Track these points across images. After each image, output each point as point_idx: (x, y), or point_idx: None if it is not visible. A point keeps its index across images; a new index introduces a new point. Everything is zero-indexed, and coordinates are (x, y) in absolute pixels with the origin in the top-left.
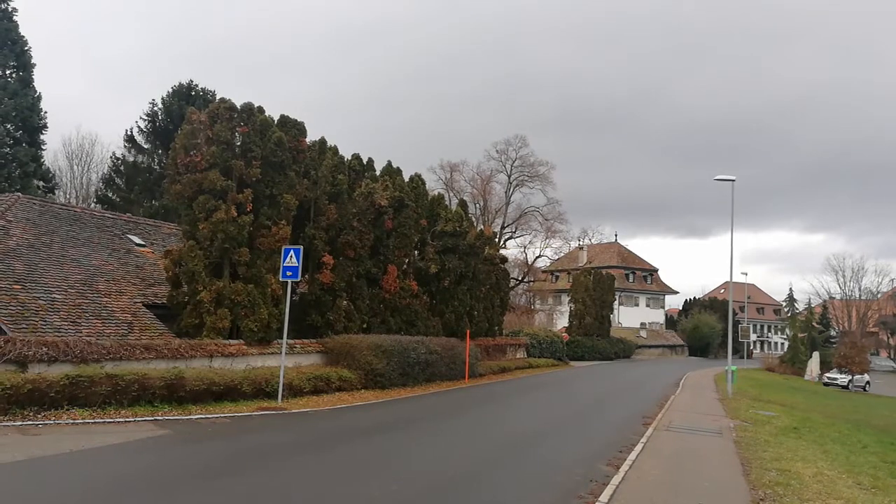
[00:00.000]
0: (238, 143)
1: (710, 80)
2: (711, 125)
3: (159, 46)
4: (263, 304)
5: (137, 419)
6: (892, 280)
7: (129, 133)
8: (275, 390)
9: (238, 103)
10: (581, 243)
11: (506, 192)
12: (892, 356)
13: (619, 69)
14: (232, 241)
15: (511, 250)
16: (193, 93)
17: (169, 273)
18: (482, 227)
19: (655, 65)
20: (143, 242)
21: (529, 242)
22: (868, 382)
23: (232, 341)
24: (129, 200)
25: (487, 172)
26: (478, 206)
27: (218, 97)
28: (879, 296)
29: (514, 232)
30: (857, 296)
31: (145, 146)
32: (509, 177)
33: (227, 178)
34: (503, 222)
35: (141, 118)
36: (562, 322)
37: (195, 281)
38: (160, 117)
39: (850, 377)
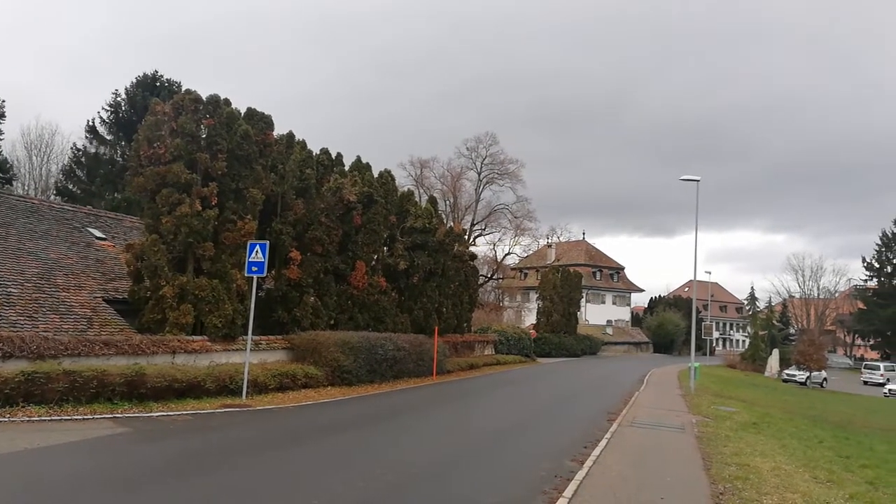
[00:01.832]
0: (203, 136)
1: (680, 83)
2: (680, 126)
3: (125, 36)
4: (228, 299)
5: (96, 417)
6: (850, 280)
7: (90, 124)
8: (239, 387)
9: (205, 96)
10: (550, 241)
11: (476, 190)
12: (849, 354)
13: (591, 70)
14: (196, 235)
15: (480, 247)
16: (158, 83)
17: (130, 267)
18: (452, 223)
19: (627, 67)
20: (103, 236)
21: (499, 240)
22: (825, 379)
23: (195, 337)
24: (90, 193)
25: (458, 169)
26: (448, 202)
27: (184, 89)
28: (837, 295)
29: (484, 229)
30: (816, 295)
31: (108, 137)
32: (479, 174)
33: (192, 172)
34: (473, 219)
35: (104, 108)
36: (530, 319)
37: (158, 276)
38: (123, 108)
39: (808, 374)
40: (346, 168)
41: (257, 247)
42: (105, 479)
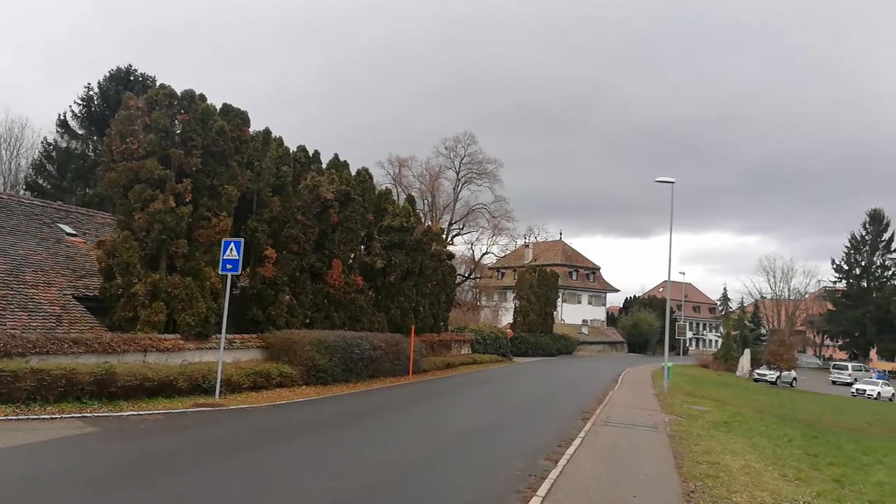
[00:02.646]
0: (178, 132)
1: (657, 86)
2: (657, 129)
3: (101, 30)
4: (202, 297)
5: (64, 416)
6: (819, 281)
7: (62, 118)
8: (212, 386)
9: (180, 91)
10: (527, 241)
11: (454, 189)
12: (818, 354)
13: (569, 72)
14: (169, 232)
15: (458, 247)
16: (133, 78)
17: (102, 264)
18: (430, 223)
19: (605, 69)
20: (74, 232)
21: (476, 239)
22: (795, 379)
23: (168, 336)
24: (60, 188)
25: (436, 168)
26: (426, 201)
27: (158, 83)
28: (807, 296)
29: (462, 229)
30: (787, 296)
31: (79, 132)
32: (458, 173)
33: (166, 168)
34: (451, 219)
35: (75, 102)
36: (507, 318)
37: (129, 273)
38: (96, 102)
39: (778, 373)
40: (324, 166)
41: (232, 244)
42: (71, 479)
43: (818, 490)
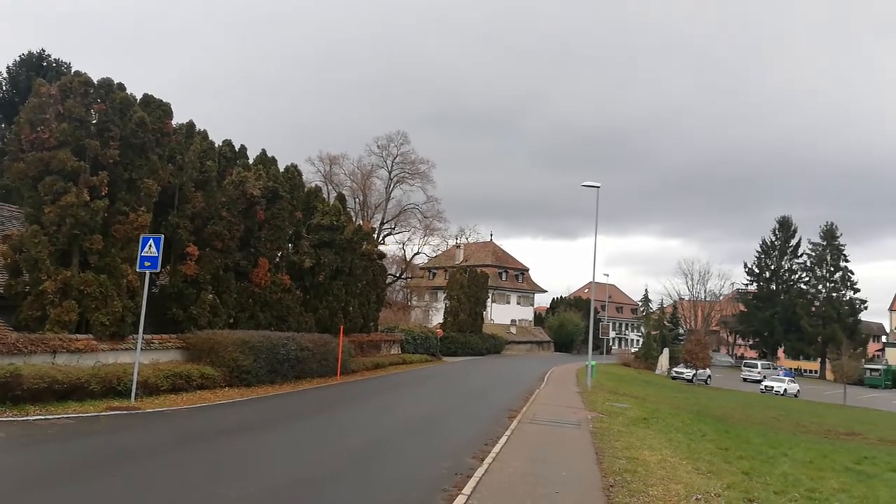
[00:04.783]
0: (94, 122)
1: (584, 90)
2: (583, 132)
3: (11, 11)
4: (118, 296)
5: None
6: (733, 284)
7: None
8: (128, 389)
9: (97, 79)
10: (458, 242)
11: (386, 189)
12: (731, 353)
13: (500, 71)
14: (83, 227)
15: (390, 246)
16: (45, 63)
17: (7, 260)
18: (361, 222)
19: (534, 69)
20: None
21: (408, 239)
22: (709, 376)
23: (80, 336)
24: None
25: (368, 167)
26: (357, 200)
27: (73, 70)
28: (721, 298)
29: (394, 228)
30: (703, 297)
31: None
32: (390, 173)
33: (80, 159)
34: (382, 218)
35: None
36: (438, 318)
37: (38, 269)
38: (4, 88)
39: (694, 371)
40: (251, 161)
41: (151, 240)
42: None
43: (728, 482)
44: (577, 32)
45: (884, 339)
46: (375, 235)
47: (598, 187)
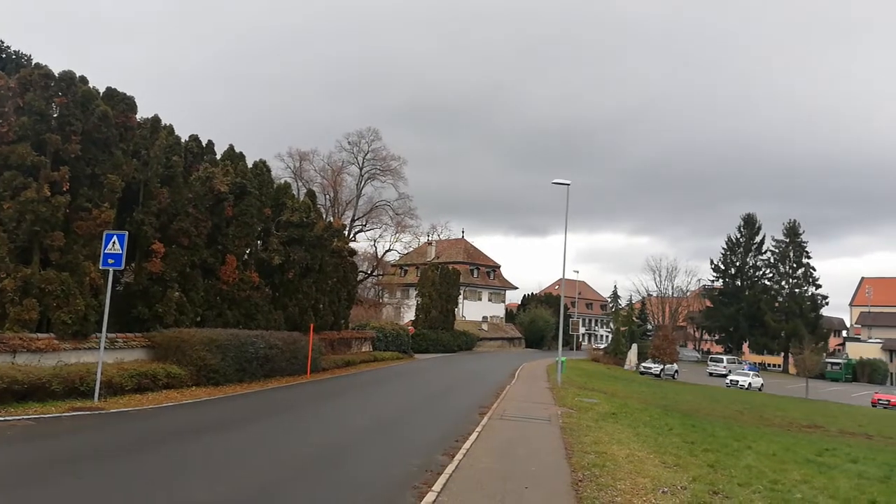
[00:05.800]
0: (55, 116)
1: (552, 88)
2: (554, 130)
3: None
4: (80, 294)
5: None
6: (700, 280)
7: None
8: (91, 389)
9: (58, 72)
10: (430, 239)
11: (357, 185)
12: (697, 348)
13: (470, 67)
14: (44, 223)
15: (361, 243)
16: (4, 55)
17: None
18: (331, 219)
19: (503, 67)
20: None
21: (380, 236)
22: (677, 371)
23: (41, 335)
24: None
25: (339, 164)
26: (328, 197)
27: (34, 63)
28: (688, 294)
29: (365, 225)
30: (671, 293)
31: None
32: (361, 169)
33: (40, 154)
34: (353, 215)
35: None
36: (409, 315)
37: None
38: None
39: (662, 367)
40: (218, 157)
41: (115, 237)
42: None
43: (694, 475)
44: (545, 31)
45: (844, 333)
46: (346, 232)
47: (568, 185)
